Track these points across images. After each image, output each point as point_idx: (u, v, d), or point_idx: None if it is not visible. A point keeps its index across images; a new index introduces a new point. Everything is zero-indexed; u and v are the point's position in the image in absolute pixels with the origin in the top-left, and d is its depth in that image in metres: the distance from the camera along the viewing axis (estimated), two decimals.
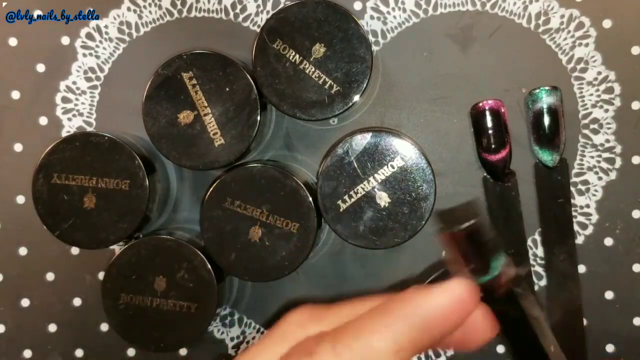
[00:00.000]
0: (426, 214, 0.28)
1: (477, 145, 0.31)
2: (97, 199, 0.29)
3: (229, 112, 0.29)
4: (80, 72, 0.33)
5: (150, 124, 0.29)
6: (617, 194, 0.32)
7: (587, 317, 0.32)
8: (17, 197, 0.34)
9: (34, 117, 0.33)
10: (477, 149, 0.31)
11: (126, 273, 0.30)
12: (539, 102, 0.30)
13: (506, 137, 0.31)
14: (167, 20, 0.33)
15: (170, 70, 0.29)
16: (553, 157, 0.30)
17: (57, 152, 0.29)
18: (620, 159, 0.32)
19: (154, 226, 0.32)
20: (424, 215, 0.28)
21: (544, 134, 0.30)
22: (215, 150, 0.29)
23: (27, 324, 0.34)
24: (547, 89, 0.30)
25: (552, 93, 0.30)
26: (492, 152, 0.30)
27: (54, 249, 0.34)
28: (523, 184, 0.32)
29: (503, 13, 0.32)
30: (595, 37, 0.31)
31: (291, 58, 0.29)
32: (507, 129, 0.31)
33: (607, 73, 0.31)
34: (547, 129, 0.30)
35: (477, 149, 0.31)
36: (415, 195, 0.28)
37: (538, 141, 0.31)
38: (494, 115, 0.30)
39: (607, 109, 0.32)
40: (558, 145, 0.30)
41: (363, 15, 0.32)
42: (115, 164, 0.29)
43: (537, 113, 0.30)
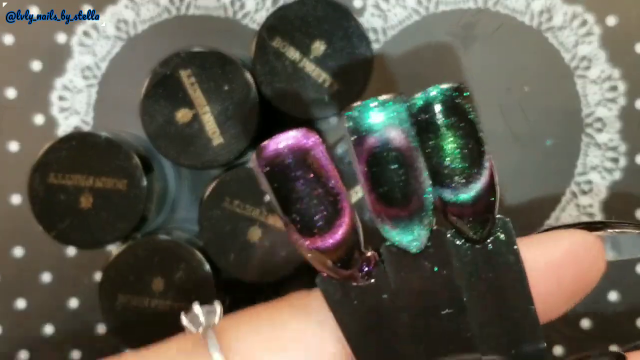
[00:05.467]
0: None
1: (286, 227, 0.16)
2: (94, 199, 0.29)
3: (228, 110, 0.28)
4: (76, 70, 0.33)
5: (148, 122, 0.28)
6: (621, 193, 0.32)
7: (590, 318, 0.32)
8: (12, 197, 0.33)
9: (29, 115, 0.33)
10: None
11: (124, 274, 0.30)
12: (364, 128, 0.15)
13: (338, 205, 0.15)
14: (165, 17, 0.33)
15: (168, 69, 0.28)
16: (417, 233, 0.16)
17: (54, 152, 0.29)
18: (625, 158, 0.31)
19: (152, 226, 0.32)
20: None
21: (385, 193, 0.15)
22: (214, 150, 0.28)
23: (23, 325, 0.34)
24: (385, 99, 0.15)
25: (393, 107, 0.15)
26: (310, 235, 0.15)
27: (50, 250, 0.33)
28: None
29: (505, 10, 0.31)
30: (599, 34, 0.31)
31: (291, 56, 0.28)
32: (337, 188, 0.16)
33: (611, 71, 0.31)
34: (388, 183, 0.15)
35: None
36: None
37: (377, 208, 0.16)
38: (300, 164, 0.15)
39: (611, 108, 0.31)
40: (420, 213, 0.16)
41: (363, 12, 0.32)
42: (112, 163, 0.29)
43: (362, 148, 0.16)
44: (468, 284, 0.16)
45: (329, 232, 0.15)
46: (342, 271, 0.16)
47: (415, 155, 0.16)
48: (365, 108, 0.15)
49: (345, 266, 0.16)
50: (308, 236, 0.15)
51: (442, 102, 0.16)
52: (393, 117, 0.15)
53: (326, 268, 0.16)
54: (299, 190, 0.15)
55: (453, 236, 0.17)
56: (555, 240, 0.17)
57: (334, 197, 0.15)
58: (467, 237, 0.17)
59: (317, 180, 0.15)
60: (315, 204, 0.15)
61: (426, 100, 0.16)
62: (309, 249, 0.16)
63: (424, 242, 0.16)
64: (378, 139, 0.15)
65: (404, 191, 0.15)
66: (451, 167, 0.16)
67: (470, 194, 0.16)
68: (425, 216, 0.16)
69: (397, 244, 0.16)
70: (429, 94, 0.16)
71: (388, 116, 0.15)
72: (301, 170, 0.15)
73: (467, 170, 0.16)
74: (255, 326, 0.17)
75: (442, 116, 0.15)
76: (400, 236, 0.16)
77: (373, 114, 0.15)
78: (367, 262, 0.16)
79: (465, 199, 0.16)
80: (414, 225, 0.16)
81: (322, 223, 0.15)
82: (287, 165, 0.15)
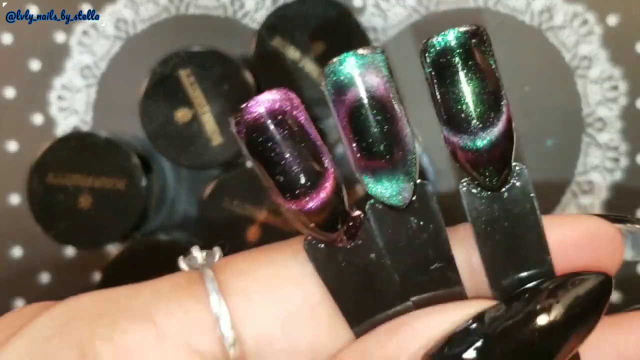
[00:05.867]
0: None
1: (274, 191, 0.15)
2: (93, 199, 0.29)
3: (228, 110, 0.28)
4: (75, 69, 0.33)
5: (147, 122, 0.28)
6: (622, 193, 0.32)
7: None
8: (11, 197, 0.33)
9: (28, 115, 0.33)
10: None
11: (123, 274, 0.29)
12: (343, 81, 0.15)
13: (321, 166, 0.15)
14: (164, 17, 0.32)
15: (167, 68, 0.28)
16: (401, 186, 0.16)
17: (53, 151, 0.29)
18: (625, 158, 0.31)
19: (151, 226, 0.32)
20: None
21: (367, 145, 0.15)
22: (214, 149, 0.28)
23: None
24: (363, 51, 0.15)
25: (371, 58, 0.15)
26: (295, 197, 0.15)
27: (49, 250, 0.33)
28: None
29: (505, 10, 0.31)
30: (599, 34, 0.31)
31: (291, 56, 0.28)
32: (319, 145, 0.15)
33: (611, 71, 0.31)
34: (370, 134, 0.15)
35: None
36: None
37: (359, 162, 0.16)
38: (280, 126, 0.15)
39: (612, 108, 0.31)
40: (404, 164, 0.16)
41: (363, 12, 0.32)
42: (111, 163, 0.29)
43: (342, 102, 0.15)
44: (484, 233, 0.16)
45: (313, 193, 0.15)
46: (327, 233, 0.16)
47: (396, 106, 0.15)
48: (344, 62, 0.15)
49: (330, 228, 0.16)
50: (292, 198, 0.15)
51: (459, 45, 0.15)
52: (372, 68, 0.15)
53: (312, 231, 0.16)
54: (281, 152, 0.15)
55: (467, 184, 0.16)
56: (572, 221, 0.16)
57: (317, 157, 0.15)
58: (483, 185, 0.16)
59: (298, 141, 0.15)
60: (298, 164, 0.15)
61: (443, 43, 0.15)
62: (293, 211, 0.15)
63: (408, 196, 0.16)
64: (358, 91, 0.15)
65: (387, 142, 0.15)
66: (468, 111, 0.15)
67: (487, 140, 0.15)
68: (408, 167, 0.16)
69: (381, 198, 0.16)
70: (446, 37, 0.15)
71: (367, 68, 0.15)
72: (282, 132, 0.15)
73: (484, 115, 0.15)
74: (254, 265, 0.16)
75: (460, 60, 0.15)
76: (384, 190, 0.16)
77: (351, 67, 0.15)
78: (352, 223, 0.16)
79: (482, 144, 0.15)
80: (397, 178, 0.16)
81: (305, 184, 0.15)
82: (267, 127, 0.15)
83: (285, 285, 0.16)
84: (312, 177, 0.15)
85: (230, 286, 0.16)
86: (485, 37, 0.16)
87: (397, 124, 0.15)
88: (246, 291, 0.16)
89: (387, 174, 0.16)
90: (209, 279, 0.16)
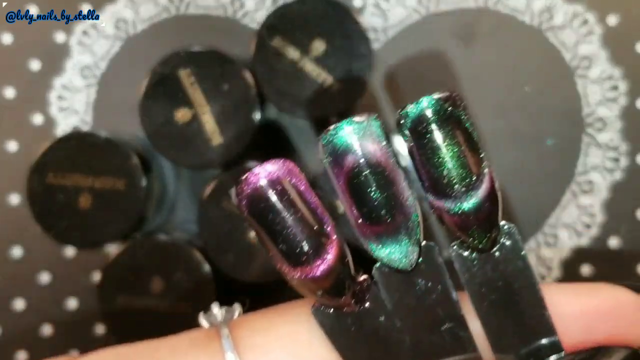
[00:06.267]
0: (428, 216, 0.28)
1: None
2: (93, 199, 0.29)
3: (228, 110, 0.28)
4: (75, 69, 0.33)
5: (147, 122, 0.28)
6: (622, 193, 0.31)
7: None
8: (11, 197, 0.33)
9: (28, 115, 0.33)
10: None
11: (123, 274, 0.29)
12: (341, 148, 0.15)
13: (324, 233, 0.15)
14: (164, 17, 0.32)
15: (167, 68, 0.28)
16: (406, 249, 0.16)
17: (53, 151, 0.29)
18: (626, 157, 0.31)
19: (151, 226, 0.32)
20: (425, 217, 0.28)
21: (368, 211, 0.15)
22: (214, 149, 0.28)
23: (21, 326, 0.34)
24: (359, 119, 0.15)
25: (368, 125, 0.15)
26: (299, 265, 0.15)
27: (49, 250, 0.33)
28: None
29: (506, 10, 0.31)
30: (599, 34, 0.31)
31: (290, 55, 0.28)
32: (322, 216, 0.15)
33: (611, 71, 0.31)
34: (370, 200, 0.15)
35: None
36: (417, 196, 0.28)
37: (362, 228, 0.16)
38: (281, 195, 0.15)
39: (612, 107, 0.31)
40: (407, 227, 0.16)
41: (363, 12, 0.32)
42: (111, 163, 0.29)
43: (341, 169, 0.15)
44: (479, 294, 0.16)
45: (317, 260, 0.15)
46: (334, 299, 0.16)
47: (395, 170, 0.15)
48: (340, 129, 0.15)
49: (337, 293, 0.16)
50: (296, 266, 0.15)
51: (435, 113, 0.15)
52: (368, 135, 0.15)
53: (318, 297, 0.16)
54: (283, 221, 0.15)
55: (458, 247, 0.17)
56: (593, 290, 0.16)
57: (319, 224, 0.15)
58: (473, 247, 0.16)
59: (299, 210, 0.15)
60: (301, 232, 0.15)
61: (418, 111, 0.15)
62: (298, 279, 0.15)
63: (414, 258, 0.16)
64: (356, 157, 0.15)
65: (387, 207, 0.15)
66: (450, 177, 0.15)
67: (472, 203, 0.15)
68: (412, 230, 0.16)
69: (387, 262, 0.16)
70: (421, 105, 0.15)
71: (364, 134, 0.15)
72: (283, 202, 0.15)
73: (466, 179, 0.15)
74: (270, 324, 0.17)
75: (437, 127, 0.15)
76: (389, 254, 0.16)
77: (348, 134, 0.15)
78: (359, 287, 0.16)
79: (467, 207, 0.15)
80: (401, 241, 0.16)
81: (309, 251, 0.15)
82: (268, 198, 0.15)
83: (300, 344, 0.16)
84: (315, 244, 0.15)
85: (246, 343, 0.16)
86: (459, 101, 0.15)
87: (397, 187, 0.15)
88: (262, 349, 0.16)
89: (391, 238, 0.16)
90: (225, 336, 0.16)
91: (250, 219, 0.15)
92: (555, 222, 0.32)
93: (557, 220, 0.32)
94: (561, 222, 0.32)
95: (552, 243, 0.32)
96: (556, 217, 0.32)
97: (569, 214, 0.32)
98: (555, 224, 0.32)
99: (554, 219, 0.32)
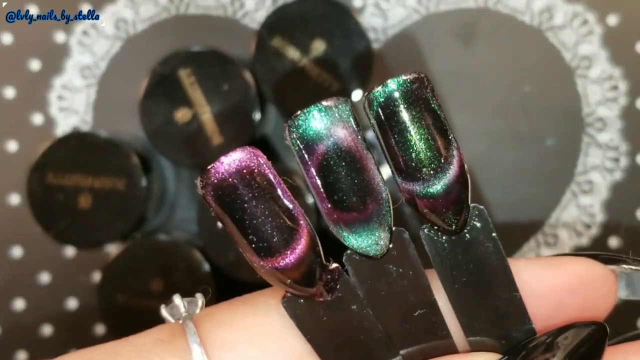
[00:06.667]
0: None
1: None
2: (93, 199, 0.29)
3: (228, 110, 0.28)
4: (75, 69, 0.33)
5: (147, 122, 0.28)
6: (622, 193, 0.31)
7: None
8: (10, 197, 0.33)
9: (28, 115, 0.33)
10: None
11: (123, 274, 0.29)
12: (310, 135, 0.15)
13: (293, 222, 0.15)
14: (164, 17, 0.32)
15: (167, 68, 0.28)
16: (377, 236, 0.15)
17: (53, 151, 0.29)
18: (626, 157, 0.31)
19: (151, 226, 0.32)
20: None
21: (339, 199, 0.15)
22: (214, 149, 0.28)
23: (21, 326, 0.34)
24: (327, 104, 0.15)
25: (336, 111, 0.15)
26: (269, 255, 0.15)
27: (49, 250, 0.33)
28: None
29: (506, 10, 0.31)
30: (599, 34, 0.31)
31: (290, 55, 0.28)
32: (292, 209, 0.15)
33: (612, 71, 0.31)
34: (340, 187, 0.15)
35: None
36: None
37: (333, 216, 0.15)
38: (248, 185, 0.15)
39: (612, 107, 0.31)
40: (379, 214, 0.15)
41: (363, 11, 0.32)
42: (111, 163, 0.29)
43: (310, 156, 0.15)
44: (450, 277, 0.16)
45: (286, 250, 0.15)
46: (305, 289, 0.15)
47: (366, 155, 0.15)
48: (308, 115, 0.15)
49: (308, 283, 0.15)
50: (266, 256, 0.15)
51: (402, 94, 0.15)
52: (338, 119, 0.15)
53: (289, 287, 0.15)
54: (251, 211, 0.14)
55: (428, 230, 0.16)
56: (561, 264, 0.16)
57: (288, 213, 0.15)
58: (443, 229, 0.16)
59: (268, 199, 0.15)
60: (269, 222, 0.14)
61: (386, 94, 0.15)
62: (268, 269, 0.15)
63: (385, 245, 0.16)
64: (326, 144, 0.15)
65: (359, 194, 0.15)
66: (418, 159, 0.15)
67: (441, 185, 0.15)
68: (383, 217, 0.15)
69: (359, 250, 0.16)
70: (388, 87, 0.15)
71: (333, 119, 0.15)
72: (250, 191, 0.14)
73: (434, 161, 0.15)
74: (236, 315, 0.16)
75: (404, 108, 0.15)
76: (360, 241, 0.16)
77: (317, 120, 0.15)
78: (330, 276, 0.16)
79: (436, 190, 0.15)
80: (373, 228, 0.15)
81: (278, 241, 0.15)
82: (235, 188, 0.14)
83: (269, 337, 0.16)
84: (284, 234, 0.15)
85: (213, 338, 0.16)
86: (427, 83, 0.15)
87: (369, 173, 0.15)
88: (230, 343, 0.16)
89: (362, 225, 0.15)
90: (191, 332, 0.16)
91: (216, 210, 0.15)
92: (555, 222, 0.32)
93: (557, 220, 0.32)
94: (561, 222, 0.32)
95: (552, 243, 0.32)
96: (556, 217, 0.32)
97: (569, 214, 0.32)
98: (555, 224, 0.32)
99: (554, 219, 0.32)
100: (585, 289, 0.16)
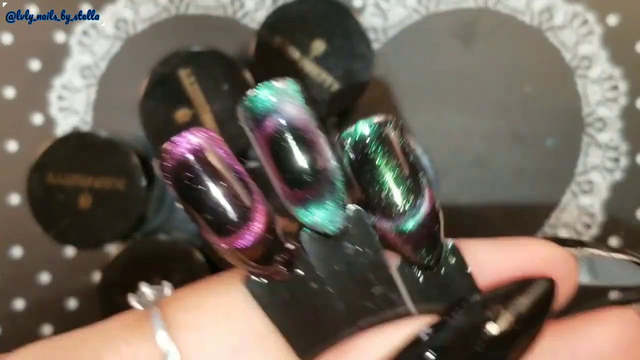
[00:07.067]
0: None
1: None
2: (93, 199, 0.29)
3: (228, 110, 0.28)
4: (75, 69, 0.33)
5: (147, 122, 0.28)
6: (622, 193, 0.31)
7: None
8: (10, 197, 0.33)
9: (28, 115, 0.33)
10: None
11: (123, 274, 0.29)
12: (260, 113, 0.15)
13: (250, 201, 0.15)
14: (164, 17, 0.32)
15: (167, 68, 0.28)
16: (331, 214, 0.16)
17: (53, 151, 0.29)
18: (626, 157, 0.31)
19: (151, 226, 0.32)
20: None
21: (291, 176, 0.15)
22: None
23: (21, 326, 0.34)
24: (277, 84, 0.15)
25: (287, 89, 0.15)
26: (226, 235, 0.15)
27: (49, 250, 0.33)
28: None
29: (506, 10, 0.31)
30: (599, 34, 0.31)
31: (290, 55, 0.28)
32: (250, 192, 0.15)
33: (612, 71, 0.31)
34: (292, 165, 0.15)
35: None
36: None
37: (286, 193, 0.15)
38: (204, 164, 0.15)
39: (612, 107, 0.31)
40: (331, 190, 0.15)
41: (363, 11, 0.32)
42: (111, 163, 0.29)
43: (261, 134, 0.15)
44: (423, 309, 0.16)
45: (244, 229, 0.15)
46: (264, 268, 0.16)
47: (316, 133, 0.15)
48: (259, 94, 0.15)
49: (266, 262, 0.15)
50: (224, 235, 0.15)
51: (373, 137, 0.15)
52: (287, 98, 0.15)
53: (248, 267, 0.16)
54: (207, 190, 0.14)
55: (402, 265, 0.17)
56: (521, 246, 0.16)
57: (244, 193, 0.15)
58: (419, 265, 0.16)
59: (224, 178, 0.15)
60: (226, 202, 0.14)
61: (358, 134, 0.15)
62: (227, 249, 0.15)
63: (341, 222, 0.16)
64: (276, 122, 0.15)
65: (310, 171, 0.15)
66: (388, 199, 0.15)
67: (412, 224, 0.15)
68: (335, 194, 0.16)
69: (314, 227, 0.16)
70: (359, 129, 0.15)
71: (282, 98, 0.15)
72: (206, 170, 0.14)
73: (404, 201, 0.15)
74: (201, 298, 0.16)
75: (374, 150, 0.15)
76: (314, 219, 0.16)
77: (267, 98, 0.15)
78: (289, 255, 0.16)
79: (407, 228, 0.15)
80: (326, 205, 0.16)
81: (235, 221, 0.15)
82: (192, 167, 0.14)
83: (233, 317, 0.16)
84: (241, 213, 0.15)
85: (178, 321, 0.16)
86: (396, 125, 0.16)
87: (319, 152, 0.15)
88: (194, 325, 0.16)
89: (315, 203, 0.15)
90: (155, 315, 0.16)
91: (174, 189, 0.15)
92: (555, 222, 0.32)
93: (557, 220, 0.32)
94: (561, 222, 0.32)
95: None
96: (556, 217, 0.32)
97: (569, 214, 0.32)
98: (555, 224, 0.32)
99: (554, 219, 0.32)
100: (543, 271, 0.16)
